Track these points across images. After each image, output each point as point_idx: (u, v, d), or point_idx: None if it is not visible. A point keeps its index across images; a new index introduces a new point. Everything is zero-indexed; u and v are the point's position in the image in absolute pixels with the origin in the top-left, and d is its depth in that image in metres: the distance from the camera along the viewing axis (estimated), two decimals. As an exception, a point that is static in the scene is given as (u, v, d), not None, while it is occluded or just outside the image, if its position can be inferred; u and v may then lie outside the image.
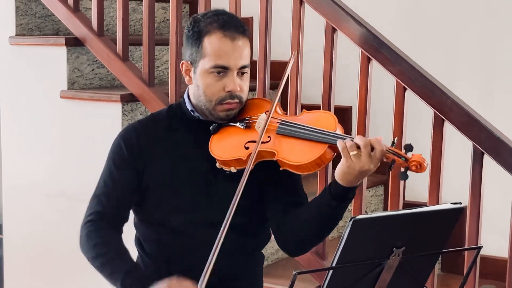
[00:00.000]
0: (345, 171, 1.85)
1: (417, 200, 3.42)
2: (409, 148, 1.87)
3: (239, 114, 2.07)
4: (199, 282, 1.85)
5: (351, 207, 3.00)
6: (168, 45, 3.13)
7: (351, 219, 1.55)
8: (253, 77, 3.39)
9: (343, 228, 3.39)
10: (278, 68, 3.42)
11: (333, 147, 1.93)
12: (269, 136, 1.99)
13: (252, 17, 3.88)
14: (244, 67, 2.01)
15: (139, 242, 2.15)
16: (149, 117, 2.17)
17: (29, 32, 3.51)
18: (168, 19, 3.89)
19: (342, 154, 1.85)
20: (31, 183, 3.47)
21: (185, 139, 2.08)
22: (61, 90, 3.31)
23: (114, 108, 3.18)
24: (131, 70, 3.20)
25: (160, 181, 2.05)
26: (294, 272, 1.51)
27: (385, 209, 3.58)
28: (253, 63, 2.12)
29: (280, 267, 3.13)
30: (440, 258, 3.28)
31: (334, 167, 2.00)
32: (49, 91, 3.35)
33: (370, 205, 3.55)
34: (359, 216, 1.56)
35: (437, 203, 2.53)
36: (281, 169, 1.97)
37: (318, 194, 2.03)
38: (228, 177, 2.02)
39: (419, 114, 2.87)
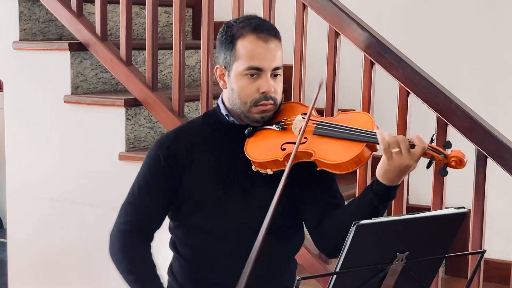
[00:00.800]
0: (386, 169, 1.88)
1: (420, 204, 3.42)
2: (448, 144, 1.90)
3: (274, 117, 2.08)
4: None
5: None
6: (171, 49, 3.13)
7: (354, 224, 1.55)
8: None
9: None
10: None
11: (370, 145, 1.95)
12: (305, 137, 1.99)
13: (255, 21, 3.87)
14: (277, 68, 2.03)
15: (174, 246, 2.15)
16: (185, 125, 2.19)
17: (32, 37, 3.51)
18: (171, 23, 3.90)
19: (383, 152, 1.87)
20: (35, 187, 3.48)
21: (221, 144, 2.09)
22: (65, 94, 3.32)
23: (118, 112, 3.18)
24: (135, 75, 3.21)
25: (198, 187, 2.06)
26: (297, 278, 1.51)
27: (389, 213, 3.57)
28: (257, 68, 2.12)
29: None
30: (443, 262, 3.27)
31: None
32: (53, 95, 3.36)
33: (373, 209, 3.54)
34: (362, 221, 1.56)
35: (441, 207, 2.53)
36: (318, 169, 1.97)
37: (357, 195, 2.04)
38: (264, 180, 2.02)
39: (423, 118, 2.87)
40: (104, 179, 3.26)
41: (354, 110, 3.61)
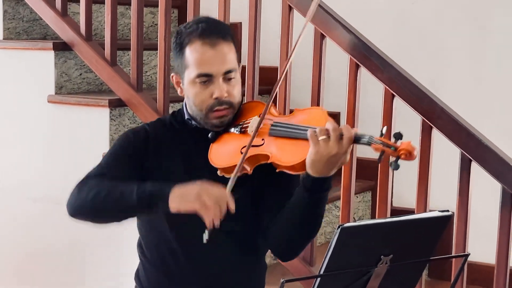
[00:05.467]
0: (313, 158, 1.82)
1: (404, 207, 3.43)
2: (398, 136, 1.81)
3: (235, 119, 2.05)
4: (227, 188, 1.85)
5: (339, 213, 3.00)
6: (157, 50, 3.12)
7: (338, 227, 1.54)
8: (242, 82, 3.39)
9: (331, 234, 3.39)
10: (267, 73, 3.42)
11: None
12: (263, 139, 1.96)
13: (240, 23, 3.88)
14: (229, 71, 1.99)
15: (140, 246, 2.12)
16: (157, 121, 2.15)
17: (16, 36, 3.49)
18: (156, 24, 3.89)
19: (310, 141, 1.81)
20: (18, 187, 3.45)
21: (187, 147, 2.06)
22: (49, 94, 3.30)
23: (102, 113, 3.17)
24: (119, 75, 3.19)
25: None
26: (282, 280, 1.50)
27: (373, 215, 3.58)
28: (242, 69, 2.12)
29: (268, 273, 3.11)
30: (427, 265, 3.28)
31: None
32: (37, 95, 3.33)
33: (357, 211, 3.55)
34: (347, 224, 1.55)
35: (425, 210, 2.54)
36: (277, 171, 1.94)
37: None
38: None
39: (407, 121, 2.88)
40: (88, 180, 3.24)
41: (340, 112, 3.63)
